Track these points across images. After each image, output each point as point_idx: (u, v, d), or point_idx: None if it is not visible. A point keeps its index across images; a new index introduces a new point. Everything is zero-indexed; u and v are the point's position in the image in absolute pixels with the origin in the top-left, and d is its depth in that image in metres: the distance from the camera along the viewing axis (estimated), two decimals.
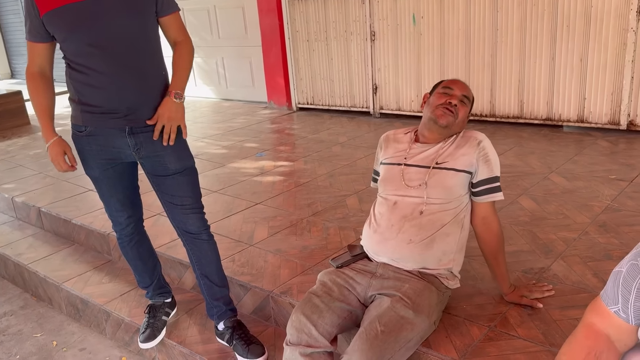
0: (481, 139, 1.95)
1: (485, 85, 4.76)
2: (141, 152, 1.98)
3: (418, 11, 4.96)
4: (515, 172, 3.49)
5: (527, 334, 1.86)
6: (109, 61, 1.86)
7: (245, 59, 6.81)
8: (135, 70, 1.91)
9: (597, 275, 2.17)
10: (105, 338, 2.71)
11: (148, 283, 2.39)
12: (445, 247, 1.89)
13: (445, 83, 2.04)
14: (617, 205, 2.84)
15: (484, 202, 1.94)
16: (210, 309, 2.26)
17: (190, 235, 2.13)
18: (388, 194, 2.00)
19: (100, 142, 1.97)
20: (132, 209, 2.20)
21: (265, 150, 4.65)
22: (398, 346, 1.66)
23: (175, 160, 2.01)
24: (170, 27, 2.02)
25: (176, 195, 2.05)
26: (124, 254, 2.33)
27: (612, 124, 4.21)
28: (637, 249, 1.22)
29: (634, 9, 3.87)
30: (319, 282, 1.94)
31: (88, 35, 1.82)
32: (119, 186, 2.11)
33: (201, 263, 2.18)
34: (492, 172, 1.93)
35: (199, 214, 2.12)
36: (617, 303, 1.21)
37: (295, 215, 3.13)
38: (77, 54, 1.87)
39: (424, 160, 1.97)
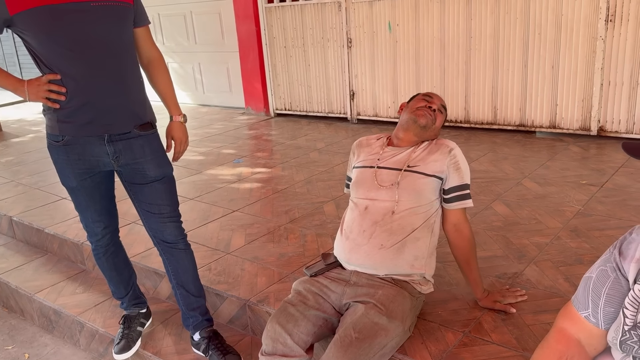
0: (452, 147, 1.98)
1: (460, 91, 4.83)
2: (120, 160, 1.96)
3: (394, 19, 5.02)
4: (489, 177, 3.54)
5: (501, 339, 1.89)
6: (88, 66, 1.82)
7: (222, 64, 6.79)
8: (114, 77, 1.88)
9: (569, 279, 2.22)
10: (79, 349, 2.67)
11: (123, 294, 2.36)
12: (416, 251, 1.91)
13: (424, 93, 2.12)
14: (588, 210, 2.91)
15: (454, 209, 1.97)
16: (186, 319, 2.24)
17: (167, 245, 2.11)
18: (359, 198, 2.02)
19: (77, 152, 1.93)
20: (109, 220, 2.17)
21: (243, 156, 4.64)
22: (372, 352, 1.67)
23: (154, 168, 2.00)
24: (144, 39, 2.02)
25: (154, 204, 2.03)
26: (99, 265, 2.29)
27: (583, 130, 4.31)
28: (606, 255, 1.25)
29: (603, 17, 3.98)
30: (293, 291, 1.95)
31: (68, 38, 1.78)
32: (96, 196, 2.07)
33: (177, 273, 2.16)
34: (463, 180, 1.96)
35: (177, 222, 2.11)
36: (588, 308, 1.24)
37: (273, 222, 3.12)
38: (54, 57, 1.81)
39: (396, 163, 2.00)
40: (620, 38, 3.97)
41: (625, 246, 1.20)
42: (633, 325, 1.12)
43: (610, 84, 4.10)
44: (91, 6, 1.78)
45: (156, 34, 7.14)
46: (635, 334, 1.11)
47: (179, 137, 2.11)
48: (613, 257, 1.21)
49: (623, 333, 1.14)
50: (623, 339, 1.14)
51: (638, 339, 1.10)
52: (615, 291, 1.19)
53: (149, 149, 2.00)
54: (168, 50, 7.06)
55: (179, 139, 2.11)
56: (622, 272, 1.18)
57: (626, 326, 1.13)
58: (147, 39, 2.03)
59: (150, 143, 2.01)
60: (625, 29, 3.94)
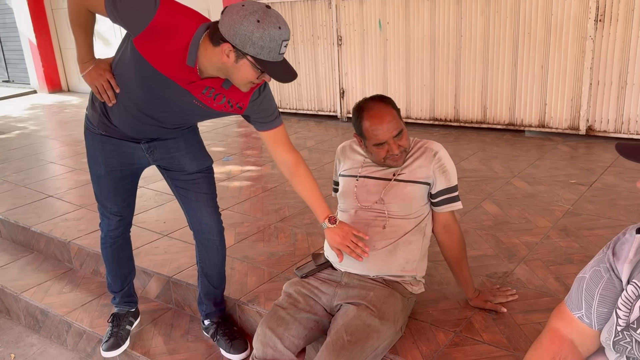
0: (437, 150, 1.94)
1: (450, 90, 4.83)
2: (155, 155, 1.98)
3: (384, 17, 5.01)
4: (478, 176, 3.55)
5: (492, 338, 1.89)
6: (150, 121, 1.84)
7: None
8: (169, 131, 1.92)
9: (559, 279, 2.23)
10: (67, 349, 2.63)
11: (119, 288, 2.35)
12: (408, 254, 1.90)
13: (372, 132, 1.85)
14: (577, 209, 2.93)
15: (443, 211, 1.96)
16: (201, 303, 2.27)
17: (201, 235, 2.13)
18: (348, 208, 2.01)
19: (113, 143, 1.94)
20: (127, 213, 2.18)
21: (232, 154, 4.61)
22: (365, 355, 1.66)
23: (190, 162, 2.01)
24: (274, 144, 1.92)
25: (191, 191, 2.04)
26: (103, 254, 2.28)
27: (572, 129, 4.33)
28: (599, 255, 1.25)
29: (592, 17, 4.00)
30: (284, 294, 1.93)
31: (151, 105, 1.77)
32: (120, 189, 2.07)
33: (204, 262, 2.19)
34: (450, 182, 1.93)
35: (215, 213, 2.11)
36: (581, 309, 1.23)
37: (263, 221, 3.10)
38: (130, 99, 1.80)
39: (381, 172, 1.96)
40: (610, 38, 3.99)
41: (618, 247, 1.20)
42: (626, 326, 1.12)
43: (599, 84, 4.13)
44: (192, 102, 1.73)
45: None
46: (628, 335, 1.11)
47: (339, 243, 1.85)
48: (607, 257, 1.21)
49: (616, 334, 1.14)
50: (616, 339, 1.14)
51: (631, 339, 1.11)
52: (608, 291, 1.19)
53: (184, 144, 2.00)
54: None
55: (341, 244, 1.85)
56: (615, 272, 1.19)
57: (619, 327, 1.13)
58: (277, 143, 1.89)
59: (186, 137, 2.01)
60: (614, 29, 3.96)
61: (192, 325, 2.42)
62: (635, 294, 1.11)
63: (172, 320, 2.48)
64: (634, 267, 1.15)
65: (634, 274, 1.15)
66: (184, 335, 2.36)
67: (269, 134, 1.89)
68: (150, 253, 2.79)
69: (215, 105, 1.75)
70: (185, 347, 2.29)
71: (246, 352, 2.16)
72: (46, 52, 8.58)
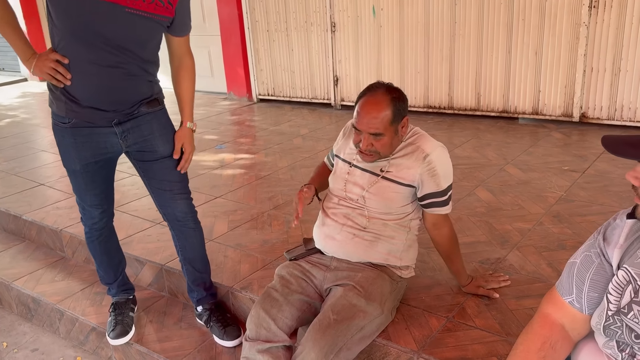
0: (429, 152, 1.80)
1: (444, 77, 4.82)
2: (128, 140, 1.94)
3: (378, 3, 4.97)
4: (472, 163, 3.55)
5: (484, 324, 1.89)
6: (102, 63, 1.78)
7: (203, 48, 6.68)
8: (128, 74, 1.84)
9: (551, 265, 2.23)
10: (59, 338, 2.63)
11: (112, 279, 2.34)
12: (390, 247, 1.89)
13: (358, 112, 1.78)
14: (570, 196, 2.93)
15: (431, 213, 1.90)
16: (191, 292, 2.28)
17: (177, 222, 2.12)
18: (334, 193, 1.99)
19: (85, 134, 1.90)
20: (107, 204, 2.15)
21: (225, 142, 4.58)
22: (350, 334, 1.67)
23: (162, 144, 1.99)
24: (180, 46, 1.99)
25: (164, 180, 2.03)
26: (90, 249, 2.26)
27: (566, 116, 4.33)
28: (590, 241, 1.25)
29: (586, 3, 3.98)
30: (277, 276, 1.94)
31: (91, 30, 1.72)
32: (97, 180, 2.05)
33: (185, 249, 2.19)
34: (439, 186, 1.82)
35: (187, 199, 2.11)
36: (572, 293, 1.24)
37: (256, 208, 3.09)
38: (68, 44, 1.76)
39: (372, 165, 1.88)
40: (604, 24, 3.98)
41: (609, 232, 1.20)
42: (617, 311, 1.12)
43: (593, 71, 4.12)
44: (125, 12, 1.72)
45: None
46: (618, 319, 1.12)
47: (189, 144, 2.04)
48: (597, 242, 1.22)
49: (607, 318, 1.14)
50: (607, 323, 1.14)
51: (622, 323, 1.11)
52: (599, 276, 1.20)
53: (157, 125, 1.98)
54: None
55: (190, 147, 2.04)
56: (606, 257, 1.19)
57: (610, 311, 1.14)
58: (183, 45, 1.99)
59: (159, 119, 2.00)
60: (608, 16, 3.95)
61: (185, 313, 2.41)
62: (626, 279, 1.12)
63: (165, 307, 2.48)
64: (624, 252, 1.15)
65: (624, 259, 1.15)
66: (177, 323, 2.36)
67: (184, 40, 1.95)
68: (142, 241, 2.77)
69: (145, 5, 1.74)
70: (178, 334, 2.29)
71: (239, 338, 2.16)
72: (36, 39, 8.47)
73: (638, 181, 1.09)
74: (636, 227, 1.15)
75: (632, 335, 1.10)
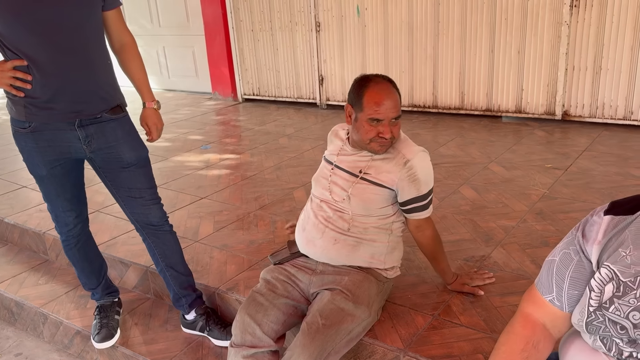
0: (410, 158, 1.79)
1: (428, 76, 4.84)
2: (92, 145, 1.90)
3: (362, 2, 4.98)
4: (456, 162, 3.57)
5: (469, 321, 1.91)
6: (54, 51, 1.75)
7: (187, 48, 6.65)
8: (82, 61, 1.81)
9: (535, 262, 2.26)
10: (43, 342, 2.60)
11: (95, 284, 2.31)
12: (373, 250, 1.89)
13: (373, 104, 1.74)
14: (553, 193, 2.97)
15: (411, 218, 1.90)
16: (179, 299, 2.21)
17: (153, 228, 2.09)
18: (316, 195, 1.98)
19: (47, 138, 1.86)
20: (80, 208, 2.12)
21: (211, 142, 4.56)
22: (339, 338, 1.67)
23: (128, 151, 1.96)
24: (115, 23, 1.94)
25: (134, 188, 1.99)
26: (69, 257, 2.22)
27: (548, 114, 4.38)
28: (568, 238, 1.25)
29: (568, 2, 4.03)
30: (262, 280, 1.92)
31: (33, 21, 1.70)
32: (67, 185, 2.01)
33: (165, 255, 2.15)
34: (420, 191, 1.81)
35: (159, 204, 2.09)
36: (552, 292, 1.24)
37: (242, 209, 3.08)
38: (20, 42, 1.73)
39: (352, 166, 1.88)
40: (585, 23, 4.03)
41: (587, 228, 1.21)
42: (598, 306, 1.13)
43: (575, 69, 4.17)
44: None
45: None
46: (600, 314, 1.13)
47: (154, 123, 2.04)
48: (577, 239, 1.22)
49: (588, 314, 1.15)
50: (589, 320, 1.15)
51: (604, 318, 1.12)
52: (579, 274, 1.20)
53: (122, 132, 1.95)
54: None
55: (154, 125, 2.04)
56: (585, 254, 1.20)
57: (591, 307, 1.15)
58: (118, 22, 1.95)
59: (123, 126, 1.97)
60: (589, 15, 4.00)
61: (171, 315, 2.40)
62: (608, 276, 1.12)
63: (151, 310, 2.46)
64: (602, 249, 1.16)
65: (603, 256, 1.16)
66: (162, 325, 2.34)
67: (115, 12, 1.92)
68: (127, 243, 2.75)
69: None
70: (164, 336, 2.27)
71: None
72: None
73: None
74: (613, 223, 1.16)
75: (617, 328, 1.10)
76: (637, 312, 1.08)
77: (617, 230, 1.15)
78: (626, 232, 1.13)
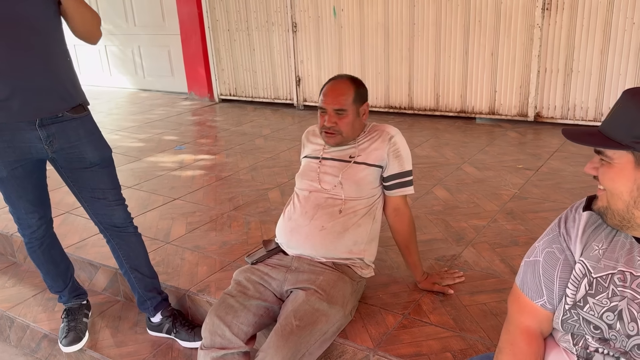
0: (393, 134, 1.96)
1: (404, 78, 4.87)
2: (54, 145, 1.86)
3: (338, 4, 4.99)
4: (430, 162, 3.60)
5: (439, 320, 1.92)
6: (11, 46, 1.70)
7: (163, 47, 6.59)
8: (41, 56, 1.77)
9: (504, 260, 2.28)
10: (10, 346, 2.54)
11: (62, 287, 2.26)
12: (356, 237, 1.92)
13: (321, 95, 1.96)
14: (523, 193, 3.01)
15: (394, 195, 1.98)
16: (144, 302, 2.18)
17: (116, 229, 2.05)
18: (302, 189, 2.01)
19: (6, 139, 1.81)
20: (43, 210, 2.06)
21: (185, 143, 4.52)
22: (314, 339, 1.66)
23: (92, 150, 1.92)
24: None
25: (97, 189, 1.96)
26: (34, 259, 2.17)
27: (521, 116, 4.44)
28: (549, 236, 1.21)
29: (540, 5, 4.09)
30: (233, 282, 1.91)
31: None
32: (28, 186, 1.95)
33: (129, 257, 2.11)
34: (403, 167, 1.96)
35: (123, 205, 2.05)
36: (542, 295, 1.18)
37: (216, 210, 3.06)
38: None
39: (341, 154, 1.99)
40: (556, 26, 4.10)
41: (569, 224, 1.17)
42: (573, 304, 1.12)
43: (547, 71, 4.24)
44: None
45: None
46: (575, 313, 1.11)
47: None
48: (561, 237, 1.17)
49: (564, 312, 1.13)
50: (564, 317, 1.13)
51: (578, 317, 1.11)
52: (566, 273, 1.15)
53: (84, 131, 1.91)
54: (106, 33, 6.76)
55: None
56: (570, 251, 1.15)
57: (567, 305, 1.12)
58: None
59: (85, 125, 1.92)
60: (560, 17, 4.07)
61: (141, 318, 2.36)
62: (582, 272, 1.11)
63: (121, 312, 2.42)
64: (583, 245, 1.13)
65: (583, 252, 1.14)
66: (132, 328, 2.31)
67: None
68: (96, 245, 2.71)
69: None
70: (133, 339, 2.24)
71: None
72: None
73: (595, 171, 1.09)
74: (592, 220, 1.15)
75: (590, 327, 1.10)
76: (611, 312, 1.07)
77: (595, 226, 1.14)
78: (603, 227, 1.13)
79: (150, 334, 2.24)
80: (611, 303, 1.07)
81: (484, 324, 1.87)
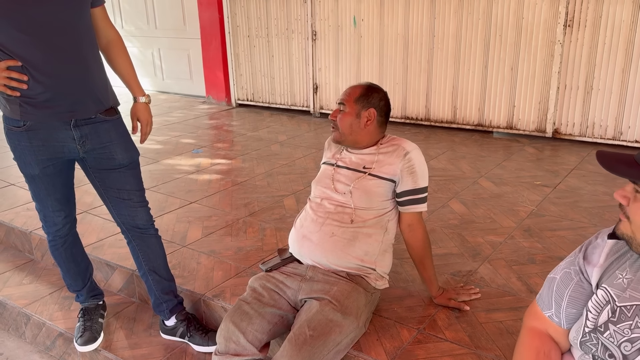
0: (409, 150, 1.94)
1: (422, 89, 4.87)
2: (86, 145, 1.90)
3: (359, 13, 5.01)
4: (446, 175, 3.59)
5: (454, 336, 1.91)
6: (48, 51, 1.74)
7: (183, 51, 6.64)
8: (76, 60, 1.81)
9: (521, 278, 2.27)
10: (25, 342, 2.57)
11: (81, 286, 2.29)
12: (367, 247, 1.92)
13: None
14: (541, 210, 2.99)
15: (407, 212, 1.97)
16: (160, 304, 2.20)
17: (138, 231, 2.09)
18: (316, 195, 2.03)
19: (41, 137, 1.85)
20: (69, 209, 2.10)
21: (202, 146, 4.55)
22: (327, 350, 1.67)
23: (122, 151, 1.97)
24: (101, 20, 1.95)
25: (123, 190, 1.99)
26: (55, 257, 2.20)
27: (539, 132, 4.42)
28: (570, 258, 1.27)
29: (562, 22, 4.08)
30: (249, 289, 1.92)
31: (25, 21, 1.69)
32: (57, 184, 2.00)
33: (149, 258, 2.14)
34: (417, 184, 1.93)
35: (146, 207, 2.08)
36: (551, 308, 1.27)
37: (231, 215, 3.08)
38: (13, 43, 1.72)
39: (355, 163, 2.00)
40: (578, 43, 4.08)
41: (590, 250, 1.22)
42: (593, 328, 1.14)
43: (567, 88, 4.22)
44: None
45: (115, 16, 6.92)
46: (594, 337, 1.14)
47: (145, 118, 2.06)
48: (577, 260, 1.23)
49: (584, 334, 1.17)
50: (583, 339, 1.17)
51: (597, 341, 1.13)
52: (577, 294, 1.22)
53: (115, 133, 1.96)
54: (127, 34, 6.85)
55: (145, 120, 2.07)
56: (584, 275, 1.21)
57: (587, 328, 1.16)
58: (104, 19, 1.96)
59: (116, 128, 1.97)
60: (582, 34, 4.05)
61: (155, 320, 2.38)
62: (605, 299, 1.14)
63: (135, 314, 2.44)
64: (603, 272, 1.17)
65: (603, 279, 1.17)
66: (146, 330, 2.32)
67: (100, 9, 1.93)
68: (113, 246, 2.73)
69: None
70: (147, 341, 2.25)
71: None
72: None
73: (626, 200, 1.08)
74: (616, 248, 1.17)
75: (606, 354, 1.11)
76: (629, 343, 1.09)
77: (619, 254, 1.16)
78: (627, 256, 1.14)
79: (164, 337, 2.25)
80: (632, 334, 1.08)
81: (500, 343, 1.86)
